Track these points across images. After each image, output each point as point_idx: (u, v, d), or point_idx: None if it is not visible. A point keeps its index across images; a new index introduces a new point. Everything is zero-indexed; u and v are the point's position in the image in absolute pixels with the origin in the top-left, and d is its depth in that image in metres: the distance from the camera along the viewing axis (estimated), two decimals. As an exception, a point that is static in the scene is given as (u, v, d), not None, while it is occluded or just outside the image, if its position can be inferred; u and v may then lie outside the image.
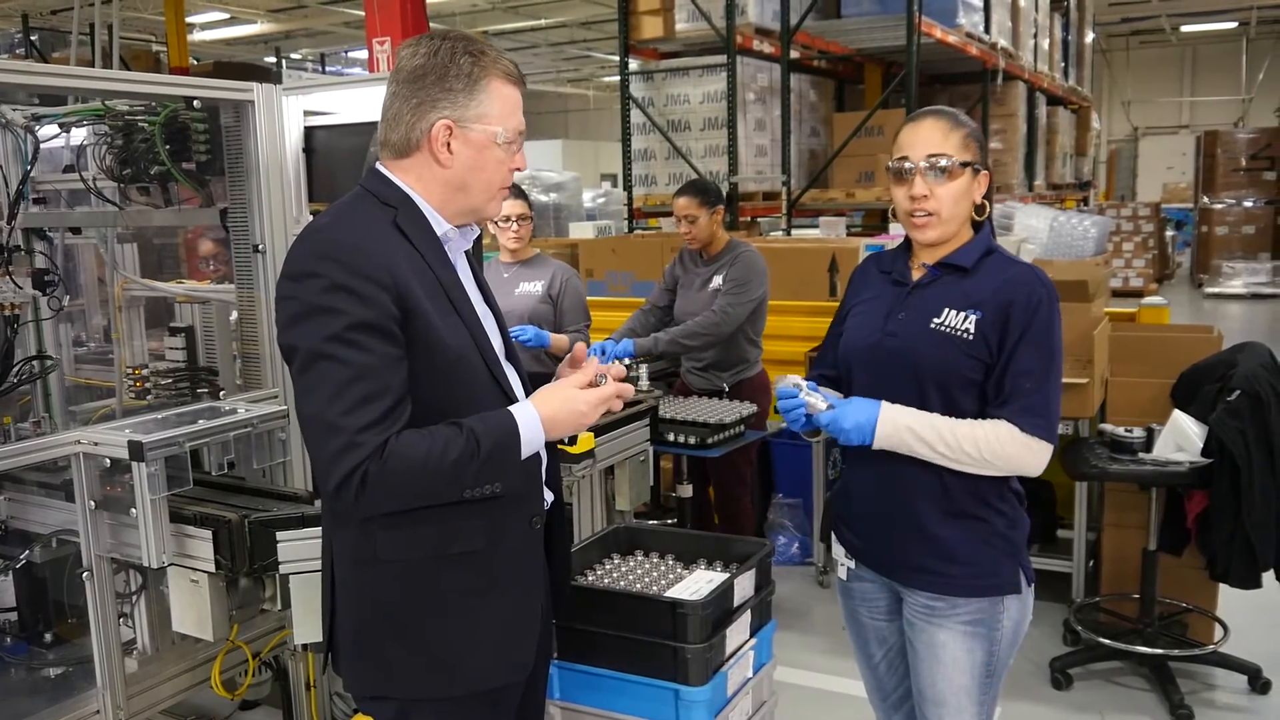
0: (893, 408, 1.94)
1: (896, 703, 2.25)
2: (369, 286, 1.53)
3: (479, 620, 1.67)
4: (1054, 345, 1.95)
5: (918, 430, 1.92)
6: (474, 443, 1.55)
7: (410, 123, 1.65)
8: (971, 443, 1.90)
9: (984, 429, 1.91)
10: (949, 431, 1.91)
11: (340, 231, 1.60)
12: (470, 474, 1.56)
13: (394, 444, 1.52)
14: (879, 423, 1.93)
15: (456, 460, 1.54)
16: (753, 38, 7.60)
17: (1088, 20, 13.70)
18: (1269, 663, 3.59)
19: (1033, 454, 1.92)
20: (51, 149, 3.16)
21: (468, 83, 1.63)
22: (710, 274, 4.12)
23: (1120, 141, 24.66)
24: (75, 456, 2.43)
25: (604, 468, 3.16)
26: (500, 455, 1.59)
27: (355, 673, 1.72)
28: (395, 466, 1.51)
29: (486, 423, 1.59)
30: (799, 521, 4.91)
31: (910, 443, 1.92)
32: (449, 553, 1.65)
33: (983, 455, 1.91)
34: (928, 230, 1.99)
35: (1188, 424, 3.54)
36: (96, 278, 3.73)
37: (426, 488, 1.55)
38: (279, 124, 3.02)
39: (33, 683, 2.72)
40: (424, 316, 1.59)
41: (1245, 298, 14.29)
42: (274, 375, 3.09)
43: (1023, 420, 1.91)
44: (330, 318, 1.52)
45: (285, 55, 19.31)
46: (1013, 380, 1.92)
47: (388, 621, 1.66)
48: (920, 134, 1.98)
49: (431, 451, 1.53)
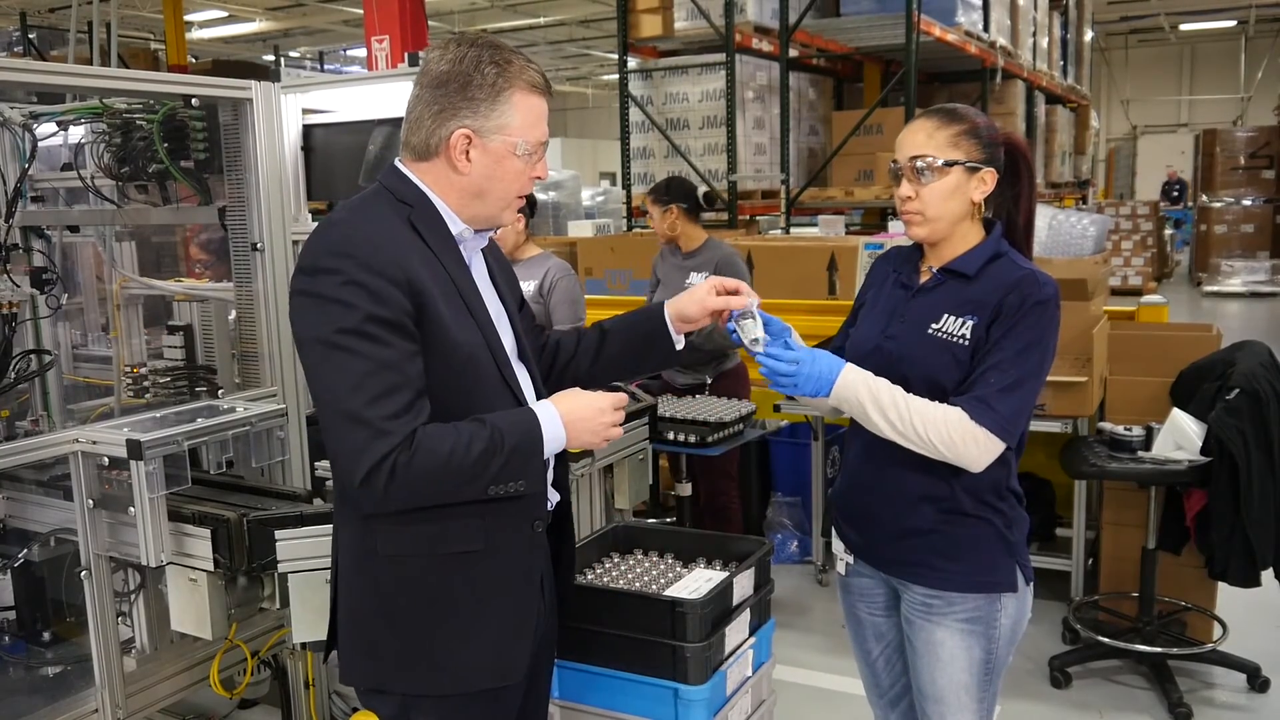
0: (857, 369, 1.92)
1: (893, 699, 2.26)
2: (383, 283, 1.54)
3: (473, 621, 1.67)
4: (1034, 346, 1.90)
5: (875, 391, 1.90)
6: (498, 439, 1.57)
7: (431, 128, 1.65)
8: (921, 420, 1.87)
9: (938, 412, 1.88)
10: (904, 404, 1.89)
11: (356, 227, 1.60)
12: (494, 470, 1.57)
13: (421, 435, 1.53)
14: (841, 375, 1.90)
15: (481, 455, 1.55)
16: (752, 36, 7.60)
17: (1086, 19, 13.70)
18: (1268, 661, 3.60)
19: (978, 446, 1.88)
20: (49, 147, 3.15)
21: (490, 93, 1.63)
22: (688, 269, 4.15)
23: (1119, 140, 24.68)
24: (73, 455, 2.43)
25: (603, 466, 3.16)
26: (523, 453, 1.60)
27: (350, 665, 1.73)
28: (423, 458, 1.52)
29: (509, 420, 1.60)
30: (798, 520, 4.90)
31: (864, 402, 1.90)
32: (447, 552, 1.65)
33: (928, 436, 1.87)
34: (915, 229, 2.00)
35: (1187, 422, 3.54)
36: (95, 276, 3.72)
37: (452, 482, 1.56)
38: (277, 122, 3.02)
39: (31, 681, 2.72)
40: (437, 314, 1.60)
41: (1244, 296, 14.30)
42: (272, 374, 3.08)
43: (976, 410, 1.87)
44: (347, 311, 1.53)
45: (284, 53, 19.30)
46: (981, 371, 1.90)
47: (383, 616, 1.67)
48: (908, 135, 1.99)
49: (457, 445, 1.54)
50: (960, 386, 1.93)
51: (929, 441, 1.88)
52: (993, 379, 1.88)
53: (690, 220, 4.20)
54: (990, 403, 1.87)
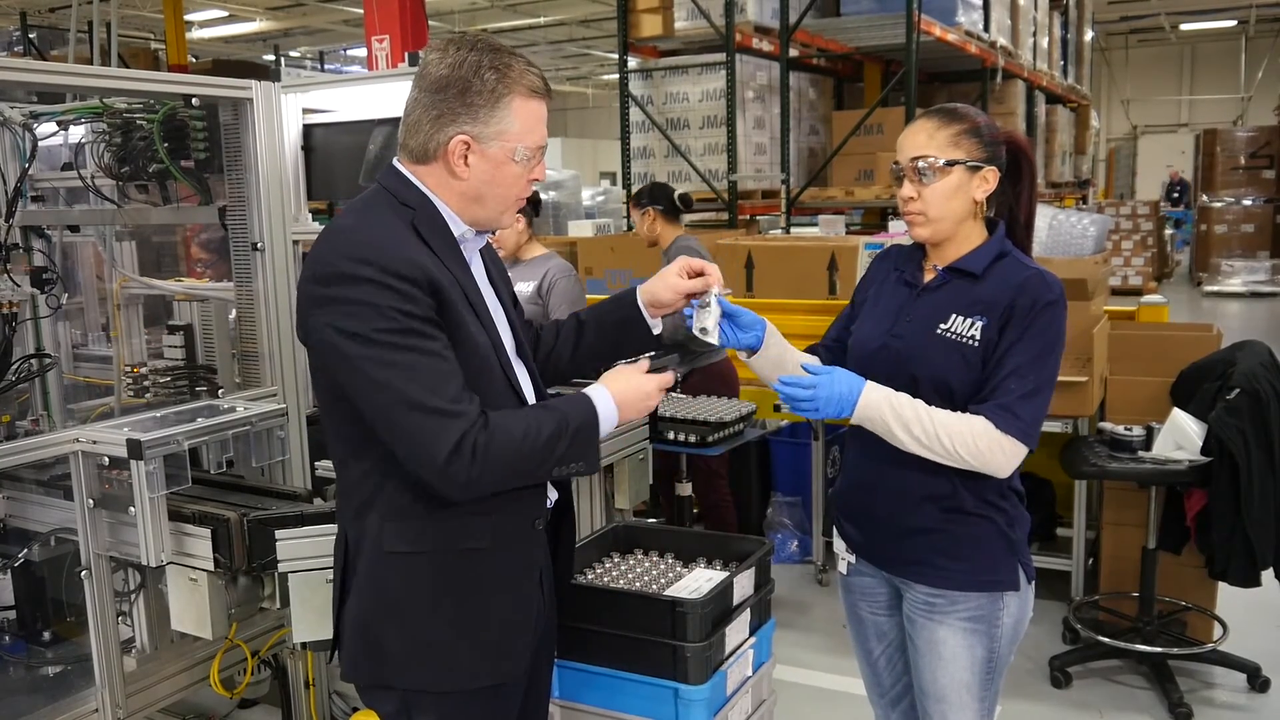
0: (877, 386, 1.92)
1: (894, 699, 2.26)
2: (406, 284, 1.55)
3: (477, 617, 1.68)
4: (1049, 350, 1.92)
5: (898, 408, 1.90)
6: (564, 421, 1.62)
7: (429, 133, 1.64)
8: (947, 433, 1.88)
9: (962, 423, 1.89)
10: (928, 418, 1.89)
11: (367, 232, 1.60)
12: (560, 452, 1.61)
13: (495, 418, 1.57)
14: (863, 395, 1.89)
15: (550, 437, 1.60)
16: (752, 36, 7.59)
17: (1087, 19, 13.69)
18: (1268, 661, 3.60)
19: (1004, 454, 1.89)
20: (50, 147, 3.15)
21: (490, 99, 1.62)
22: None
23: (1119, 140, 24.67)
24: (74, 455, 2.43)
25: (603, 466, 3.16)
26: (585, 434, 1.65)
27: (353, 661, 1.73)
28: (501, 440, 1.55)
29: (570, 404, 1.66)
30: (798, 520, 4.90)
31: (889, 420, 1.89)
32: (454, 549, 1.66)
33: (955, 448, 1.88)
34: (918, 229, 2.00)
35: (1187, 422, 3.54)
36: (95, 275, 3.72)
37: (526, 464, 1.60)
38: (278, 122, 3.02)
39: (31, 681, 2.71)
40: (455, 314, 1.61)
41: (1244, 296, 14.30)
42: (273, 373, 3.08)
43: (1000, 418, 1.88)
44: (380, 313, 1.53)
45: (284, 53, 19.30)
46: (1001, 378, 1.90)
47: (389, 613, 1.67)
48: (908, 136, 1.99)
49: (529, 428, 1.58)
50: (974, 389, 1.93)
51: (956, 454, 1.89)
52: (1013, 385, 1.89)
53: (668, 221, 4.33)
54: (1014, 410, 1.89)
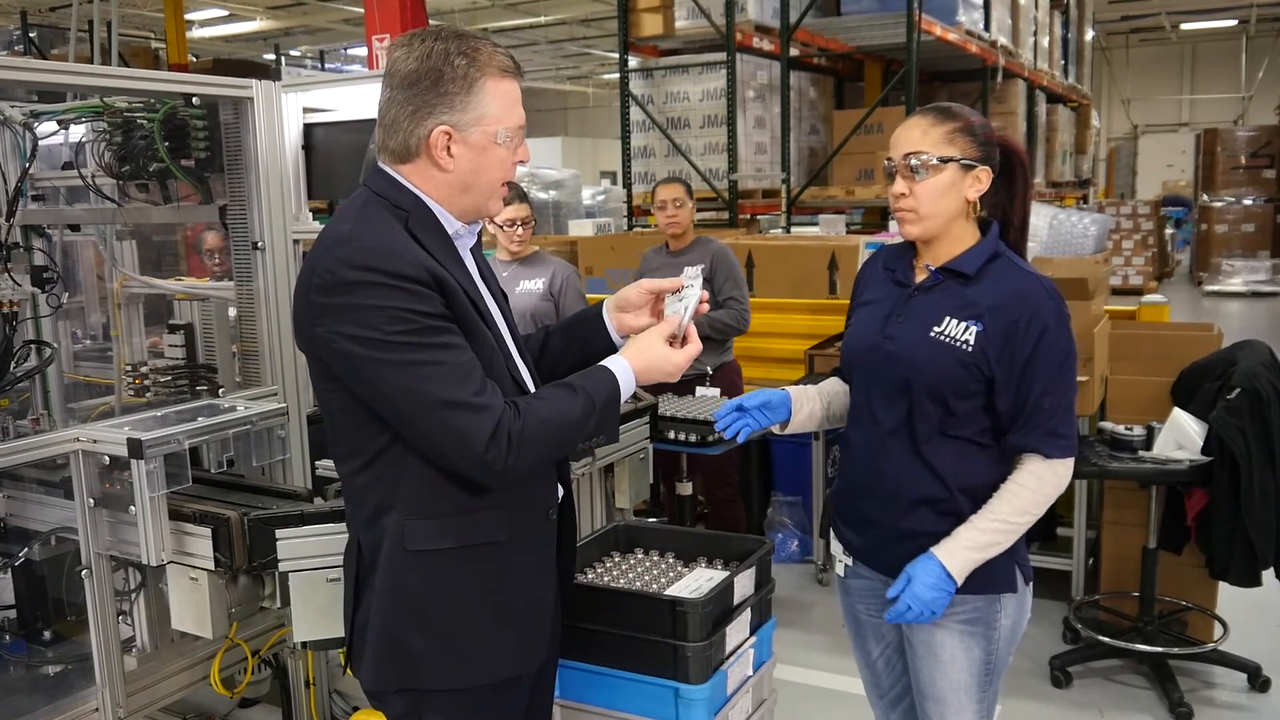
0: (945, 547, 1.94)
1: (894, 700, 2.25)
2: (415, 285, 1.55)
3: (498, 610, 1.69)
4: (1065, 360, 1.93)
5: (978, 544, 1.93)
6: (589, 398, 1.65)
7: (409, 130, 1.63)
8: (1021, 514, 1.93)
9: (1025, 493, 1.93)
10: (1004, 518, 1.93)
11: (368, 238, 1.58)
12: (590, 427, 1.65)
13: (525, 403, 1.60)
14: (953, 574, 1.92)
15: (580, 415, 1.64)
16: (752, 35, 7.59)
17: (1087, 18, 13.71)
18: (1268, 661, 3.60)
19: (1059, 477, 1.96)
20: (50, 146, 3.15)
21: (464, 85, 1.61)
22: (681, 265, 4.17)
23: (1120, 139, 24.64)
24: (74, 454, 2.42)
25: (603, 466, 3.16)
26: (610, 408, 1.69)
27: (377, 667, 1.70)
28: (534, 424, 1.58)
29: (593, 379, 1.69)
30: (798, 519, 4.90)
31: (979, 560, 1.93)
32: (473, 544, 1.67)
33: (1036, 513, 1.95)
34: (908, 226, 2.00)
35: (1187, 422, 3.54)
36: (95, 275, 3.72)
37: (559, 442, 1.66)
38: (278, 121, 3.01)
39: (31, 680, 2.71)
40: (463, 312, 1.61)
41: (1245, 295, 14.29)
42: (273, 373, 3.08)
43: (1050, 445, 1.93)
44: (393, 316, 1.53)
45: (284, 52, 19.31)
46: (1033, 405, 1.91)
47: (411, 612, 1.66)
48: (902, 132, 1.99)
49: (558, 408, 1.62)
50: (965, 392, 1.93)
51: (1037, 515, 1.95)
52: (1047, 404, 1.92)
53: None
54: (1058, 431, 1.94)
